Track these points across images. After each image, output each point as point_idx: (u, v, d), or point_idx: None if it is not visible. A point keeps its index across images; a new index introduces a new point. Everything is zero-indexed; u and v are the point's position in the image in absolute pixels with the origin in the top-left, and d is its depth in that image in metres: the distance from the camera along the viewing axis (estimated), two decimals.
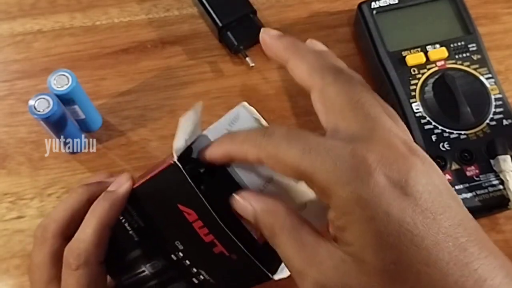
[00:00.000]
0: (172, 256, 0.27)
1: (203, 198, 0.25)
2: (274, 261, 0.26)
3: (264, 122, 0.29)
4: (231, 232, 0.25)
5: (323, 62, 0.27)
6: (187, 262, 0.27)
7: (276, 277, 0.26)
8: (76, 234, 0.28)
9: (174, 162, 0.25)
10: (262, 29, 0.30)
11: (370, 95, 0.25)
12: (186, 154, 0.26)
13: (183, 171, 0.25)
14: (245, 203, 0.25)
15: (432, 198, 0.21)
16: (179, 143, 0.26)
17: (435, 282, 0.20)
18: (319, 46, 0.31)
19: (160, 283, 0.29)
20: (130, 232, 0.28)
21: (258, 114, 0.29)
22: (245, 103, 0.29)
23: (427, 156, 0.23)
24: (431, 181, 0.21)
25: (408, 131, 0.25)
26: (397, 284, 0.20)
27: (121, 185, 0.28)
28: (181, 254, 0.27)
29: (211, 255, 0.26)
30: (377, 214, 0.20)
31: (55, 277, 0.28)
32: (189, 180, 0.25)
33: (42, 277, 0.28)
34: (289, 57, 0.28)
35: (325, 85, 0.25)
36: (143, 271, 0.29)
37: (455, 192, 0.23)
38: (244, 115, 0.28)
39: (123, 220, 0.28)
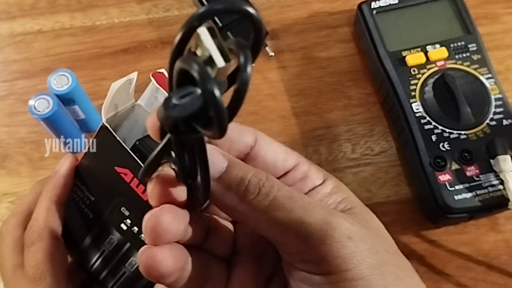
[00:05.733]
0: (122, 225, 0.29)
1: (130, 152, 0.26)
2: None
3: (163, 92, 0.29)
4: None
5: None
6: (135, 228, 0.28)
7: None
8: (31, 217, 0.30)
9: (103, 124, 0.26)
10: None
11: None
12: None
13: (111, 130, 0.26)
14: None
15: None
16: (108, 106, 0.27)
17: None
18: None
19: (119, 260, 0.30)
20: (85, 210, 0.30)
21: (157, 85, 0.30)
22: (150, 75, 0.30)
23: None
24: None
25: None
26: None
27: (63, 165, 0.30)
28: (128, 221, 0.28)
29: None
30: None
31: (20, 264, 0.29)
32: (117, 138, 0.26)
33: (8, 265, 0.30)
34: None
35: None
36: (104, 251, 0.30)
37: None
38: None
39: (77, 199, 0.30)
